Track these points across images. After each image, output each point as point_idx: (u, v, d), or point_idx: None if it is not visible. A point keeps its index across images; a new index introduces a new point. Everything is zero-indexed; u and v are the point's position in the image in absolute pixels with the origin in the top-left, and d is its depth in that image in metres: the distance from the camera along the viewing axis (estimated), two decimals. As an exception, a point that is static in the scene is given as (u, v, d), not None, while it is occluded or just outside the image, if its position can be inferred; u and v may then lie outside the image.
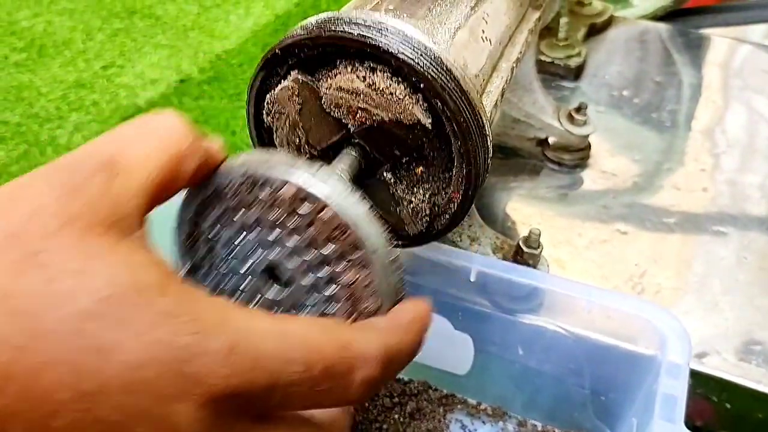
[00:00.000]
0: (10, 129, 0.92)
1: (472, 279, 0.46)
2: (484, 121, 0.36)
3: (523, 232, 0.58)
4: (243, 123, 0.92)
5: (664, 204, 0.62)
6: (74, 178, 0.24)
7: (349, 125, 0.36)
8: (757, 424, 0.49)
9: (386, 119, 0.35)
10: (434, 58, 0.34)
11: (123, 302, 0.22)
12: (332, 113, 0.36)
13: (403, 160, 0.38)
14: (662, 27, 0.88)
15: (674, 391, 0.41)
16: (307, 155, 0.38)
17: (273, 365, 0.24)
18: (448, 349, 0.50)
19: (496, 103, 0.42)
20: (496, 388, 0.53)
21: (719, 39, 0.87)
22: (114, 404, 0.22)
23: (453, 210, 0.39)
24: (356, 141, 0.37)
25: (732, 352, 0.50)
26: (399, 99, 0.34)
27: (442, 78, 0.34)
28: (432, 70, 0.34)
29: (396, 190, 0.38)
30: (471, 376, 0.51)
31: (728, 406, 0.48)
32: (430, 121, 0.35)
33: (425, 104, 0.35)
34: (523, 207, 0.61)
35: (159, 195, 0.27)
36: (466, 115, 0.35)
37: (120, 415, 0.22)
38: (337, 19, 0.35)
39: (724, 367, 0.48)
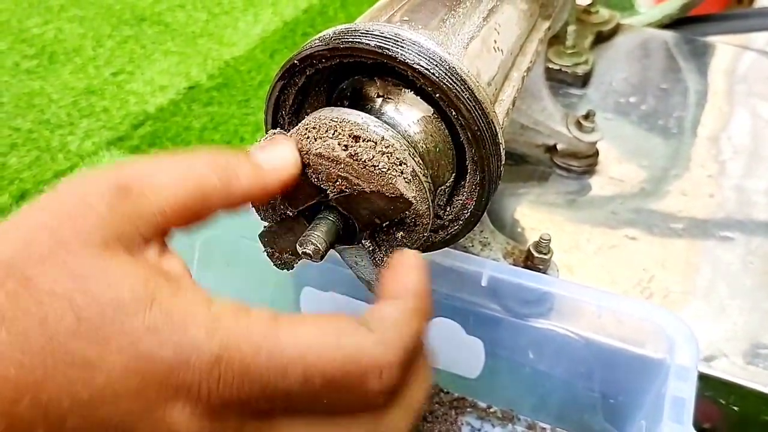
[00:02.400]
0: (22, 135, 0.93)
1: (483, 284, 0.47)
2: (497, 130, 0.37)
3: (532, 237, 0.59)
4: (252, 129, 0.93)
5: (672, 210, 0.63)
6: (83, 199, 0.26)
7: (328, 191, 0.34)
8: (765, 426, 0.50)
9: (367, 190, 0.34)
10: (449, 68, 0.35)
11: (104, 320, 0.24)
12: (310, 177, 0.34)
13: (384, 226, 0.36)
14: (668, 35, 0.89)
15: (683, 393, 0.41)
16: (283, 215, 0.37)
17: (264, 378, 0.24)
18: (459, 353, 0.51)
19: (507, 112, 0.43)
20: (506, 392, 0.54)
21: (724, 46, 0.87)
22: (111, 409, 0.24)
23: (466, 217, 0.40)
24: (334, 206, 0.35)
25: (740, 356, 0.50)
26: (382, 172, 0.33)
27: (457, 88, 0.35)
28: (447, 80, 0.35)
29: (375, 257, 0.37)
30: (481, 380, 0.52)
31: (736, 408, 0.49)
32: (413, 195, 0.34)
33: (408, 177, 0.34)
34: (532, 213, 0.62)
35: (179, 219, 0.28)
36: (480, 124, 0.36)
37: (119, 417, 0.24)
38: (354, 31, 0.36)
39: (732, 370, 0.49)
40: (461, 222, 0.40)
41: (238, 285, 0.60)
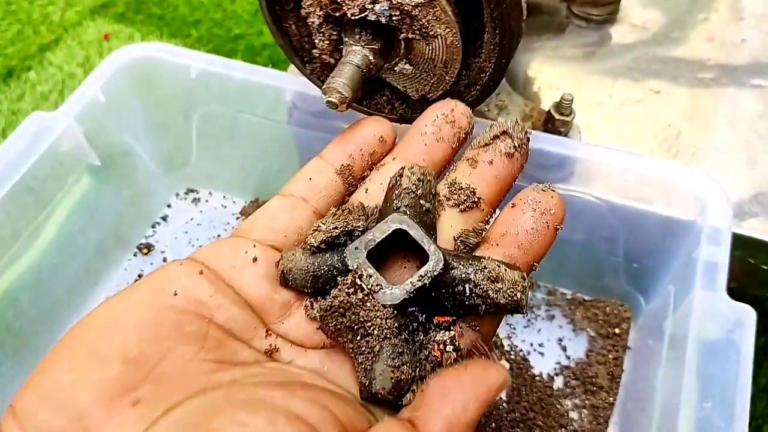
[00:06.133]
0: (1, 9, 0.88)
1: (501, 150, 0.44)
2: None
3: (548, 96, 0.55)
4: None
5: (699, 57, 0.58)
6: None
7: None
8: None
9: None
10: None
11: None
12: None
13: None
14: None
15: (716, 258, 0.39)
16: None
17: None
18: (476, 222, 0.49)
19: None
20: (525, 259, 0.52)
21: None
22: None
23: (484, 80, 0.36)
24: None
25: (770, 213, 0.48)
26: None
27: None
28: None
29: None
30: (500, 248, 0.50)
31: (766, 267, 0.47)
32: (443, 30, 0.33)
33: (439, 14, 0.33)
34: (549, 68, 0.58)
35: None
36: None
37: None
38: None
39: (764, 228, 0.47)
40: (478, 87, 0.36)
41: (239, 158, 0.57)
